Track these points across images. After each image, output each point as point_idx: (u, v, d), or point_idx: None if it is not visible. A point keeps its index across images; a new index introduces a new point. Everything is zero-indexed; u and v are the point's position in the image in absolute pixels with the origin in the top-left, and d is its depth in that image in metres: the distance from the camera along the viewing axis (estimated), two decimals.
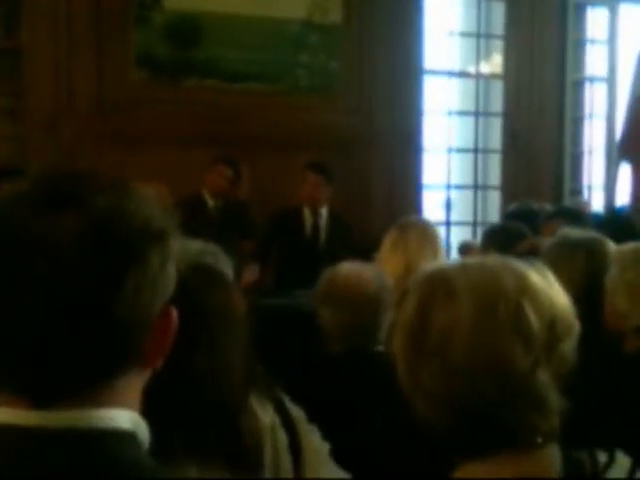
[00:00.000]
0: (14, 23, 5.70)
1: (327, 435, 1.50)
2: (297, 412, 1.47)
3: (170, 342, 0.74)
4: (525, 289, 0.95)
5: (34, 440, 0.67)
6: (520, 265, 0.99)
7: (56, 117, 5.26)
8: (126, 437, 0.71)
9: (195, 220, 4.59)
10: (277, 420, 1.39)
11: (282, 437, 1.38)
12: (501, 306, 0.92)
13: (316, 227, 4.77)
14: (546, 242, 2.24)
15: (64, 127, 5.26)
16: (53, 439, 0.67)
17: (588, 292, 1.85)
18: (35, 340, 0.67)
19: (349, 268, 2.04)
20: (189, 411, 1.19)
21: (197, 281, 1.26)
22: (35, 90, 5.26)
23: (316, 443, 1.48)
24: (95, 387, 0.70)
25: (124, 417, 0.71)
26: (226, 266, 1.92)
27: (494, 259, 1.01)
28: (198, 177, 4.91)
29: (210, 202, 4.92)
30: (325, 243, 4.73)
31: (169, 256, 0.73)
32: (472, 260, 1.02)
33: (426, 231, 2.77)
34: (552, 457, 0.93)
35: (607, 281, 1.89)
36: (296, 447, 1.41)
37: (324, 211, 4.80)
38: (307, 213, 4.77)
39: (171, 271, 0.73)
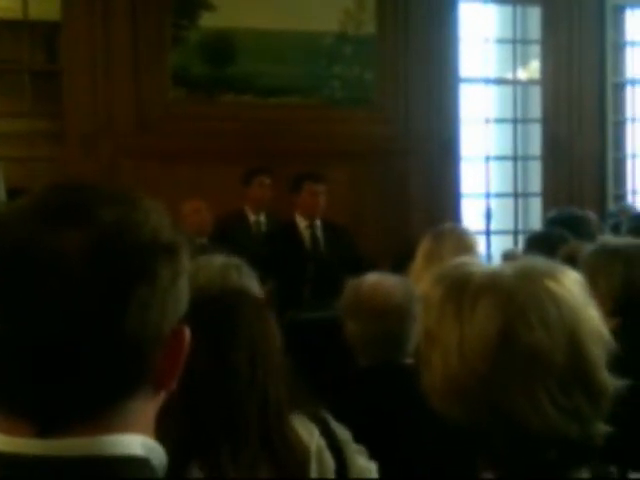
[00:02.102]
0: (54, 47, 5.84)
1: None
2: (343, 433, 1.45)
3: (182, 363, 0.71)
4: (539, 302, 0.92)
5: (40, 471, 0.64)
6: (538, 274, 0.95)
7: (95, 137, 5.34)
8: (139, 464, 0.68)
9: (238, 235, 4.60)
10: (323, 443, 1.37)
11: (328, 460, 1.37)
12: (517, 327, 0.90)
13: (314, 238, 4.60)
14: (585, 249, 2.18)
15: (103, 146, 5.35)
16: (62, 468, 0.64)
17: (627, 302, 1.79)
18: (41, 360, 0.64)
19: (374, 278, 2.00)
20: (233, 425, 1.20)
21: (229, 306, 1.27)
22: (74, 111, 5.36)
23: (362, 463, 1.46)
24: (105, 411, 0.67)
25: (136, 442, 0.68)
26: (250, 279, 1.91)
27: (515, 268, 0.97)
28: (236, 192, 4.93)
29: (252, 217, 4.92)
30: (326, 253, 4.54)
31: (180, 271, 0.70)
32: (493, 271, 0.98)
33: (462, 240, 2.68)
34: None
35: None
36: (343, 470, 1.39)
37: (318, 222, 4.64)
38: (303, 226, 4.59)
39: (183, 287, 0.70)
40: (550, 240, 3.09)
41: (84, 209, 0.67)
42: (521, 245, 6.47)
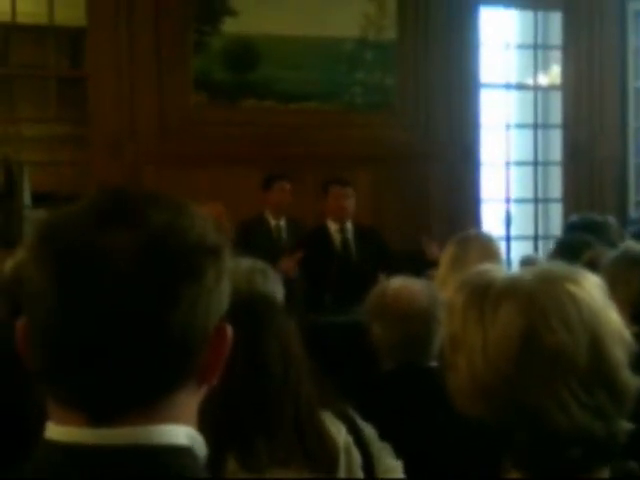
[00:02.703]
0: (78, 54, 5.93)
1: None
2: (369, 431, 1.49)
3: (225, 359, 0.75)
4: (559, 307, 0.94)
5: (95, 458, 0.68)
6: (558, 278, 0.98)
7: (119, 142, 5.42)
8: (185, 453, 0.72)
9: (259, 240, 4.65)
10: (350, 440, 1.41)
11: (356, 456, 1.41)
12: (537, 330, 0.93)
13: (345, 242, 4.68)
14: (606, 256, 2.20)
15: (127, 151, 5.42)
16: (114, 456, 0.68)
17: None
18: (96, 354, 0.68)
19: (399, 283, 2.03)
20: (269, 421, 1.25)
21: (252, 310, 1.33)
22: (99, 116, 5.44)
23: (389, 462, 1.50)
24: (153, 403, 0.71)
25: (182, 433, 0.72)
26: (276, 283, 1.95)
27: (535, 273, 1.00)
28: (256, 196, 4.97)
29: (272, 222, 4.96)
30: (357, 256, 4.65)
31: (223, 271, 0.74)
32: (514, 276, 1.01)
33: (487, 246, 2.69)
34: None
35: None
36: (369, 467, 1.43)
37: (349, 225, 4.73)
38: (334, 229, 4.68)
39: (225, 286, 0.75)
40: (573, 246, 3.10)
41: (135, 213, 0.71)
42: (541, 251, 6.47)
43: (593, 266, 1.95)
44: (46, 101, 5.56)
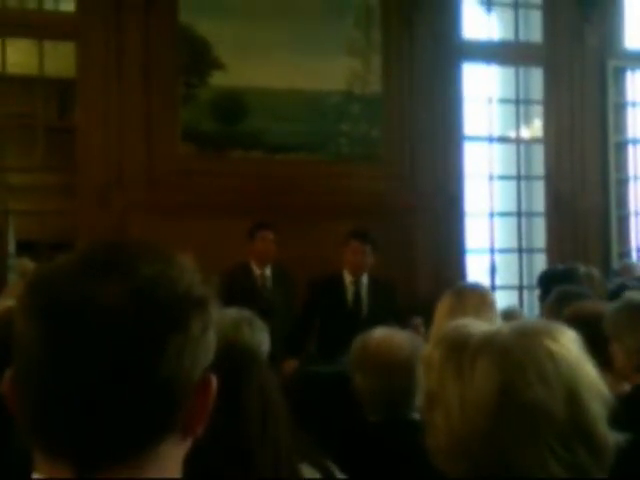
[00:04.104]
0: (66, 104, 5.99)
1: None
2: None
3: (210, 409, 0.75)
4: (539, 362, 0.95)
5: None
6: (534, 334, 0.99)
7: (107, 191, 5.44)
8: None
9: (243, 288, 4.66)
10: None
11: None
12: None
13: (358, 294, 4.74)
14: (609, 306, 2.21)
15: (114, 200, 5.43)
16: None
17: None
18: (83, 406, 0.68)
19: (381, 333, 2.03)
20: (248, 471, 1.25)
21: (233, 362, 1.34)
22: (86, 166, 5.47)
23: None
24: (139, 454, 0.71)
25: None
26: (262, 333, 1.95)
27: (512, 327, 1.01)
28: (244, 246, 4.98)
29: (257, 271, 4.97)
30: (368, 310, 4.69)
31: (209, 322, 0.75)
32: (491, 330, 1.02)
33: (484, 298, 2.67)
34: None
35: None
36: None
37: (365, 278, 4.78)
38: (348, 281, 4.73)
39: (211, 337, 0.76)
40: (569, 296, 3.09)
41: (125, 264, 0.72)
42: (526, 300, 6.49)
43: (574, 320, 1.97)
44: (33, 150, 5.60)
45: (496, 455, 0.93)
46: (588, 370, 0.98)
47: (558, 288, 3.42)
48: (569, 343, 0.98)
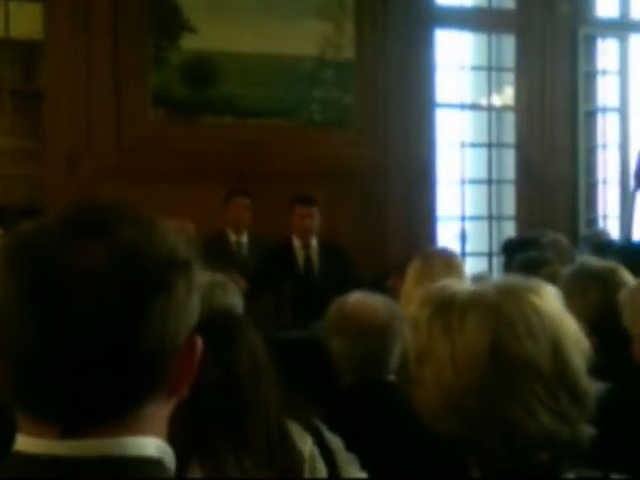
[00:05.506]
0: (33, 66, 5.85)
1: None
2: (336, 442, 1.51)
3: (195, 370, 0.76)
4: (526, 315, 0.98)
5: (66, 469, 0.69)
6: (521, 288, 1.02)
7: (75, 156, 5.35)
8: (154, 464, 0.72)
9: (220, 256, 4.64)
10: (316, 451, 1.42)
11: (320, 467, 1.42)
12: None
13: (309, 259, 4.74)
14: (564, 270, 2.25)
15: (83, 166, 5.36)
16: (84, 468, 0.69)
17: (603, 324, 1.86)
18: (67, 368, 0.68)
19: (357, 298, 2.04)
20: (239, 431, 1.27)
21: (223, 325, 1.35)
22: (54, 131, 5.37)
23: (354, 473, 1.51)
24: (124, 415, 0.71)
25: (152, 445, 0.73)
26: (235, 296, 1.96)
27: (496, 286, 1.03)
28: (215, 212, 4.96)
29: (233, 237, 4.95)
30: (320, 273, 4.69)
31: (193, 285, 0.75)
32: (476, 289, 1.04)
33: (451, 261, 2.75)
34: None
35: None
36: (335, 477, 1.44)
37: (314, 243, 4.77)
38: (298, 246, 4.73)
39: (195, 300, 0.76)
40: (533, 262, 3.18)
41: (106, 228, 0.71)
42: (495, 267, 6.58)
43: (552, 281, 2.00)
44: (0, 114, 5.48)
45: (487, 407, 0.96)
46: (570, 324, 1.02)
47: (521, 255, 3.48)
48: (551, 298, 1.02)
